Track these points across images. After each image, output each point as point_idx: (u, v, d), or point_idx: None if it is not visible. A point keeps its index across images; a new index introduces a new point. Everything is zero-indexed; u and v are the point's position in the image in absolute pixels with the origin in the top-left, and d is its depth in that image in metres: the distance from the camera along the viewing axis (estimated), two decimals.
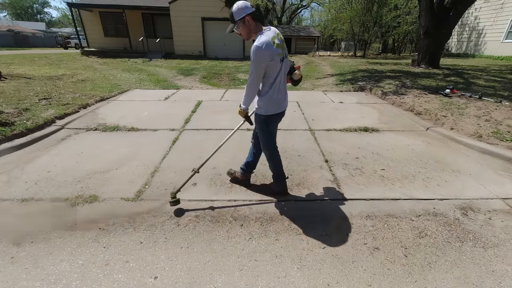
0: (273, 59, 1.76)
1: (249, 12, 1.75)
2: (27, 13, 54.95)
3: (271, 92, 1.89)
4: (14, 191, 2.30)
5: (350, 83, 7.49)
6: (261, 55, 1.71)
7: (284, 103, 2.02)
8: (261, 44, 1.68)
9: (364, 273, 1.55)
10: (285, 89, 2.01)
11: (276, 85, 1.88)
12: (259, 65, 1.75)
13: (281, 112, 2.03)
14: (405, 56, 20.59)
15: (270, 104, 1.93)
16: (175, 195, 2.09)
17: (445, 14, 9.03)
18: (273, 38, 1.75)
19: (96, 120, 4.20)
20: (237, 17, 1.76)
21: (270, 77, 1.85)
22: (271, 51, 1.72)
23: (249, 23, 1.78)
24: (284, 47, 1.87)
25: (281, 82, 1.92)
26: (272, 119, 2.01)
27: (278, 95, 1.92)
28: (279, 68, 1.84)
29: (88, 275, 1.50)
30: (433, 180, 2.56)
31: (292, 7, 41.62)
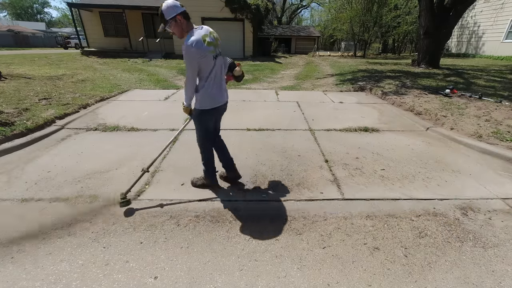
0: (204, 56, 1.82)
1: (180, 11, 1.81)
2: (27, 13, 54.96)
3: (205, 87, 1.96)
4: (14, 191, 2.30)
5: (350, 83, 7.49)
6: (191, 53, 1.78)
7: (220, 98, 2.09)
8: (190, 43, 1.76)
9: (364, 273, 1.55)
10: (221, 85, 2.09)
11: (210, 81, 1.96)
12: (191, 62, 1.82)
13: (218, 107, 2.09)
14: (405, 56, 20.59)
15: (205, 98, 2.00)
16: (125, 196, 2.09)
17: (445, 14, 9.04)
18: (204, 37, 1.82)
19: (96, 120, 4.20)
20: (167, 16, 1.80)
21: (204, 73, 1.92)
22: (201, 49, 1.79)
23: (181, 22, 1.83)
24: (217, 45, 1.95)
25: (216, 77, 2.00)
26: (208, 113, 2.07)
27: (213, 90, 2.00)
28: (212, 65, 1.92)
29: (88, 275, 1.50)
30: (433, 180, 2.56)
31: (292, 7, 41.61)
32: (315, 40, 27.28)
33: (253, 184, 2.48)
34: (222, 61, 2.09)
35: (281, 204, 2.20)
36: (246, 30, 15.60)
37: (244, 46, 16.11)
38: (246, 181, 2.54)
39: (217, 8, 14.78)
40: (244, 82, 8.29)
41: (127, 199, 2.09)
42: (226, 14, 14.94)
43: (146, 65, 11.62)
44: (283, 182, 2.53)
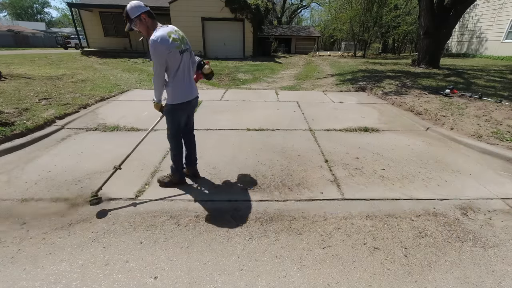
0: (170, 51, 1.89)
1: (143, 11, 1.89)
2: (27, 13, 54.96)
3: (175, 82, 2.03)
4: (14, 191, 2.30)
5: (350, 83, 7.49)
6: (157, 48, 1.84)
7: (190, 94, 2.17)
8: (156, 38, 1.83)
9: (364, 273, 1.55)
10: (191, 80, 2.17)
11: (179, 75, 2.03)
12: (157, 58, 1.88)
13: (188, 101, 2.16)
14: (405, 56, 20.59)
15: (175, 93, 2.07)
16: (96, 194, 2.09)
17: (445, 14, 9.04)
18: (169, 33, 1.90)
19: (96, 120, 4.20)
20: (132, 15, 1.88)
21: (173, 69, 1.99)
22: (167, 45, 1.86)
23: (146, 20, 1.92)
24: (183, 42, 2.03)
25: (185, 73, 2.07)
26: (178, 108, 2.13)
27: (183, 84, 2.08)
28: (179, 60, 1.99)
29: (88, 275, 1.50)
30: (433, 180, 2.56)
31: (292, 7, 41.60)
32: (315, 40, 27.28)
33: (253, 184, 2.48)
34: (190, 57, 2.17)
35: (281, 204, 2.20)
36: (246, 30, 15.60)
37: (244, 46, 16.11)
38: (246, 181, 2.53)
39: (217, 8, 14.79)
40: (244, 82, 8.29)
41: (98, 197, 2.10)
42: (226, 14, 14.95)
43: (146, 65, 11.61)
44: (283, 182, 2.52)
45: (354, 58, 17.77)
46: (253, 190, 2.39)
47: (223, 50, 16.14)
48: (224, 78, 8.87)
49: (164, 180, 2.44)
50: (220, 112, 4.77)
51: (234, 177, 2.59)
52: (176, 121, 2.20)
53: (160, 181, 2.45)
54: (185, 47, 2.05)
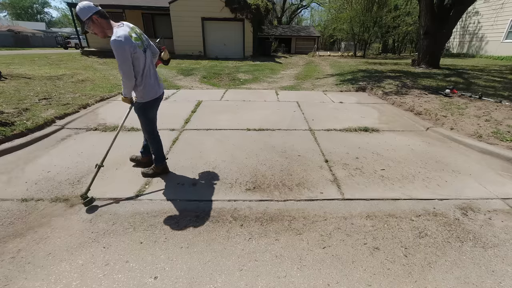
0: (135, 51, 1.92)
1: (94, 11, 1.88)
2: (27, 13, 54.96)
3: (144, 81, 2.09)
4: (14, 191, 2.30)
5: (350, 83, 7.49)
6: (122, 47, 1.85)
7: (158, 89, 2.25)
8: (119, 38, 1.84)
9: (364, 273, 1.55)
10: (156, 76, 2.24)
11: (146, 74, 2.09)
12: (123, 57, 1.89)
13: (158, 97, 2.26)
14: (405, 56, 20.59)
15: (147, 91, 2.14)
16: (86, 195, 2.09)
17: (445, 14, 9.03)
18: (129, 32, 1.92)
19: (96, 120, 4.20)
20: (83, 17, 1.87)
21: (139, 68, 2.02)
22: (130, 44, 1.88)
23: (99, 21, 1.91)
24: (143, 40, 2.07)
25: (151, 70, 2.14)
26: (150, 105, 2.22)
27: (151, 82, 2.15)
28: (144, 58, 2.04)
29: (88, 275, 1.50)
30: (433, 180, 2.56)
31: (292, 7, 41.61)
32: (315, 40, 27.28)
33: (253, 184, 2.48)
34: (151, 54, 2.21)
35: (281, 204, 2.20)
36: (246, 30, 15.60)
37: (244, 46, 16.10)
38: (246, 181, 2.54)
39: (217, 8, 14.78)
40: (244, 82, 8.29)
41: (89, 198, 2.10)
42: (226, 14, 14.95)
43: None
44: (283, 182, 2.52)
45: (354, 58, 17.77)
46: (253, 190, 2.39)
47: (223, 50, 16.14)
48: (224, 78, 8.87)
49: (148, 172, 2.54)
50: (220, 112, 4.77)
51: (234, 177, 2.59)
52: (149, 117, 2.31)
53: (145, 173, 2.55)
54: (146, 45, 2.10)
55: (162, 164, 2.55)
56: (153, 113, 2.34)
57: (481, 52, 15.55)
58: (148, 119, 2.32)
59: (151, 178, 2.54)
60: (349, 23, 19.41)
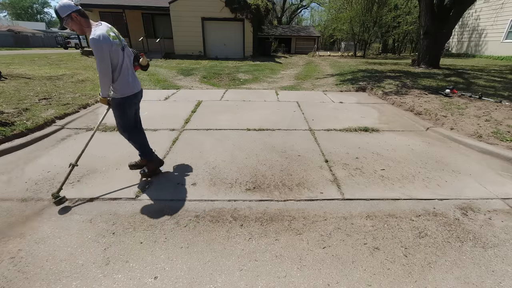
0: (113, 48, 2.00)
1: (74, 9, 1.95)
2: (27, 13, 54.94)
3: (121, 76, 2.14)
4: (14, 191, 2.30)
5: (350, 83, 7.49)
6: (100, 46, 1.91)
7: (135, 86, 2.30)
8: (98, 37, 1.90)
9: (364, 273, 1.55)
10: (133, 73, 2.31)
11: (124, 70, 2.15)
12: (102, 55, 1.95)
13: (136, 93, 2.30)
14: (405, 56, 20.59)
15: (124, 86, 2.18)
16: (58, 195, 2.09)
17: (445, 14, 9.04)
18: (107, 31, 2.00)
19: (96, 120, 4.20)
20: (62, 14, 1.93)
21: (117, 64, 2.10)
22: (108, 42, 1.96)
23: (78, 19, 1.97)
24: (120, 39, 2.15)
25: (128, 67, 2.21)
26: (128, 100, 2.25)
27: (128, 78, 2.20)
28: (122, 56, 2.12)
29: (88, 275, 1.50)
30: (433, 180, 2.56)
31: (292, 7, 41.61)
32: (315, 40, 27.28)
33: (253, 184, 2.48)
34: (129, 52, 2.29)
35: (281, 204, 2.20)
36: (246, 30, 15.60)
37: (244, 46, 16.10)
38: (246, 181, 2.54)
39: (217, 8, 14.78)
40: (244, 82, 8.29)
41: (60, 197, 2.09)
42: (226, 14, 14.94)
43: None
44: (283, 182, 2.52)
45: (354, 58, 17.78)
46: (253, 190, 2.39)
47: (223, 50, 16.14)
48: (224, 78, 8.87)
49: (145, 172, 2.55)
50: (220, 112, 4.77)
51: (234, 177, 2.59)
52: (126, 114, 2.32)
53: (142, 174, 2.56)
54: (123, 43, 2.18)
55: (152, 159, 2.56)
56: (131, 110, 2.34)
57: (481, 52, 15.55)
58: (126, 116, 2.33)
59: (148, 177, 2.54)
60: (349, 23, 19.41)
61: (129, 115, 2.34)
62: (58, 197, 2.08)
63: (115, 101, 2.22)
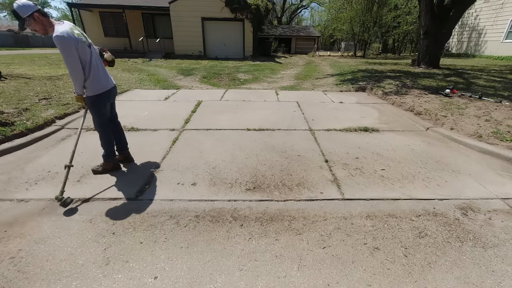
0: (79, 45, 2.00)
1: (35, 9, 1.92)
2: None
3: (92, 74, 2.15)
4: (14, 191, 2.30)
5: (350, 83, 7.49)
6: (66, 43, 1.92)
7: (107, 83, 2.32)
8: (62, 34, 1.90)
9: (364, 273, 1.55)
10: (104, 70, 2.33)
11: (94, 67, 2.16)
12: (68, 52, 1.95)
13: (108, 90, 2.32)
14: (405, 56, 20.60)
15: (95, 84, 2.20)
16: (62, 197, 2.07)
17: (445, 14, 9.04)
18: (72, 29, 2.00)
19: None
20: (23, 14, 1.89)
21: (86, 62, 2.10)
22: (74, 39, 1.96)
23: (41, 19, 1.95)
24: (85, 36, 2.17)
25: (97, 64, 2.22)
26: (101, 97, 2.28)
27: (99, 75, 2.22)
28: (90, 53, 2.13)
29: (88, 275, 1.50)
30: (433, 180, 2.56)
31: (292, 7, 41.62)
32: (315, 40, 27.28)
33: (253, 184, 2.48)
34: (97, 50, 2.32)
35: (281, 204, 2.20)
36: (246, 30, 15.60)
37: (244, 46, 16.11)
38: (246, 181, 2.54)
39: (217, 8, 14.79)
40: (244, 82, 8.29)
41: (65, 199, 2.07)
42: (226, 14, 14.95)
43: (146, 65, 11.61)
44: (283, 182, 2.52)
45: (354, 58, 17.78)
46: (253, 190, 2.39)
47: (223, 50, 16.15)
48: (224, 78, 8.87)
49: (98, 169, 2.56)
50: (220, 112, 4.77)
51: (234, 177, 2.59)
52: (100, 111, 2.34)
53: (94, 170, 2.57)
54: (89, 41, 2.20)
55: (111, 160, 2.58)
56: (105, 106, 2.36)
57: (481, 52, 15.56)
58: (99, 112, 2.34)
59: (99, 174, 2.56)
60: (349, 23, 19.41)
61: (103, 112, 2.37)
62: (63, 199, 2.06)
63: (88, 100, 2.25)
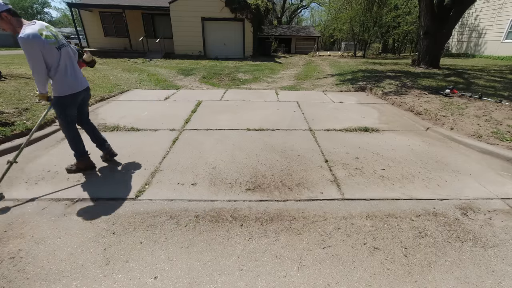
0: (45, 47, 2.00)
1: (4, 9, 1.94)
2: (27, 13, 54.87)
3: (57, 76, 2.15)
4: (14, 191, 2.30)
5: (350, 83, 7.49)
6: (28, 44, 1.92)
7: (76, 86, 2.29)
8: (26, 36, 1.91)
9: (364, 273, 1.55)
10: (75, 73, 2.31)
11: (61, 70, 2.15)
12: (31, 53, 1.96)
13: (75, 93, 2.29)
14: (405, 56, 20.59)
15: (61, 86, 2.19)
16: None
17: (445, 14, 9.04)
18: (40, 30, 1.99)
19: (96, 120, 4.20)
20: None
21: (52, 64, 2.10)
22: (39, 40, 1.96)
23: (9, 18, 1.96)
24: (58, 38, 2.15)
25: (67, 67, 2.21)
26: (66, 99, 2.26)
27: (67, 77, 2.20)
28: (58, 56, 2.12)
29: (88, 275, 1.50)
30: (433, 180, 2.56)
31: (292, 7, 41.62)
32: (315, 40, 27.28)
33: (253, 184, 2.48)
34: (71, 52, 2.29)
35: (281, 204, 2.20)
36: (246, 30, 15.60)
37: (244, 46, 16.11)
38: (246, 181, 2.54)
39: (217, 8, 14.79)
40: (244, 82, 8.29)
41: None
42: (226, 14, 14.95)
43: (146, 65, 11.62)
44: (283, 182, 2.52)
45: (354, 58, 17.78)
46: (253, 190, 2.39)
47: (223, 50, 16.14)
48: (224, 78, 8.87)
49: (71, 168, 2.56)
50: (220, 112, 4.77)
51: (234, 177, 2.59)
52: (65, 112, 2.31)
53: (68, 169, 2.57)
54: (62, 43, 2.17)
55: (83, 160, 2.57)
56: (70, 108, 2.33)
57: (481, 52, 15.55)
58: (63, 114, 2.32)
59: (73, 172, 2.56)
60: (349, 23, 19.41)
61: (67, 113, 2.34)
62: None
63: (53, 100, 2.25)
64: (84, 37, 17.41)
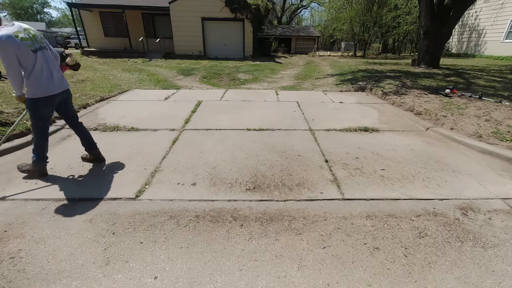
0: (19, 50, 2.00)
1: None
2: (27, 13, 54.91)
3: (32, 78, 2.13)
4: (14, 191, 2.30)
5: (350, 83, 7.49)
6: (2, 46, 1.92)
7: (52, 88, 2.26)
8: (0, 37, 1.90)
9: (364, 273, 1.55)
10: (52, 76, 2.26)
11: (36, 73, 2.14)
12: (4, 55, 1.96)
13: (51, 96, 2.26)
14: (405, 56, 20.59)
15: (35, 88, 2.17)
16: None
17: (445, 14, 9.04)
18: (16, 33, 1.99)
19: (96, 120, 4.20)
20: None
21: (27, 66, 2.09)
22: (13, 43, 1.95)
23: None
24: (36, 40, 2.14)
25: (43, 69, 2.19)
26: (40, 102, 2.23)
27: (42, 80, 2.18)
28: (34, 58, 2.11)
29: (88, 275, 1.50)
30: (433, 180, 2.56)
31: (292, 7, 41.63)
32: (315, 40, 27.28)
33: (253, 184, 2.48)
34: (50, 54, 2.28)
35: (281, 204, 2.20)
36: (246, 30, 15.60)
37: (244, 46, 16.11)
38: (246, 181, 2.54)
39: (217, 8, 14.79)
40: (244, 82, 8.29)
41: None
42: (226, 14, 14.95)
43: (146, 65, 11.62)
44: (283, 182, 2.52)
45: (354, 58, 17.78)
46: (253, 190, 2.39)
47: (223, 50, 16.14)
48: (224, 78, 8.87)
49: (23, 168, 2.49)
50: (220, 112, 4.77)
51: (234, 177, 2.59)
52: (38, 114, 2.28)
53: (20, 168, 2.51)
54: (39, 46, 2.15)
55: (41, 165, 2.48)
56: (43, 111, 2.29)
57: (481, 52, 15.56)
58: (38, 117, 2.29)
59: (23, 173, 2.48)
60: (349, 23, 19.42)
61: (39, 116, 2.29)
62: None
63: (27, 101, 2.24)
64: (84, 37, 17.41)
